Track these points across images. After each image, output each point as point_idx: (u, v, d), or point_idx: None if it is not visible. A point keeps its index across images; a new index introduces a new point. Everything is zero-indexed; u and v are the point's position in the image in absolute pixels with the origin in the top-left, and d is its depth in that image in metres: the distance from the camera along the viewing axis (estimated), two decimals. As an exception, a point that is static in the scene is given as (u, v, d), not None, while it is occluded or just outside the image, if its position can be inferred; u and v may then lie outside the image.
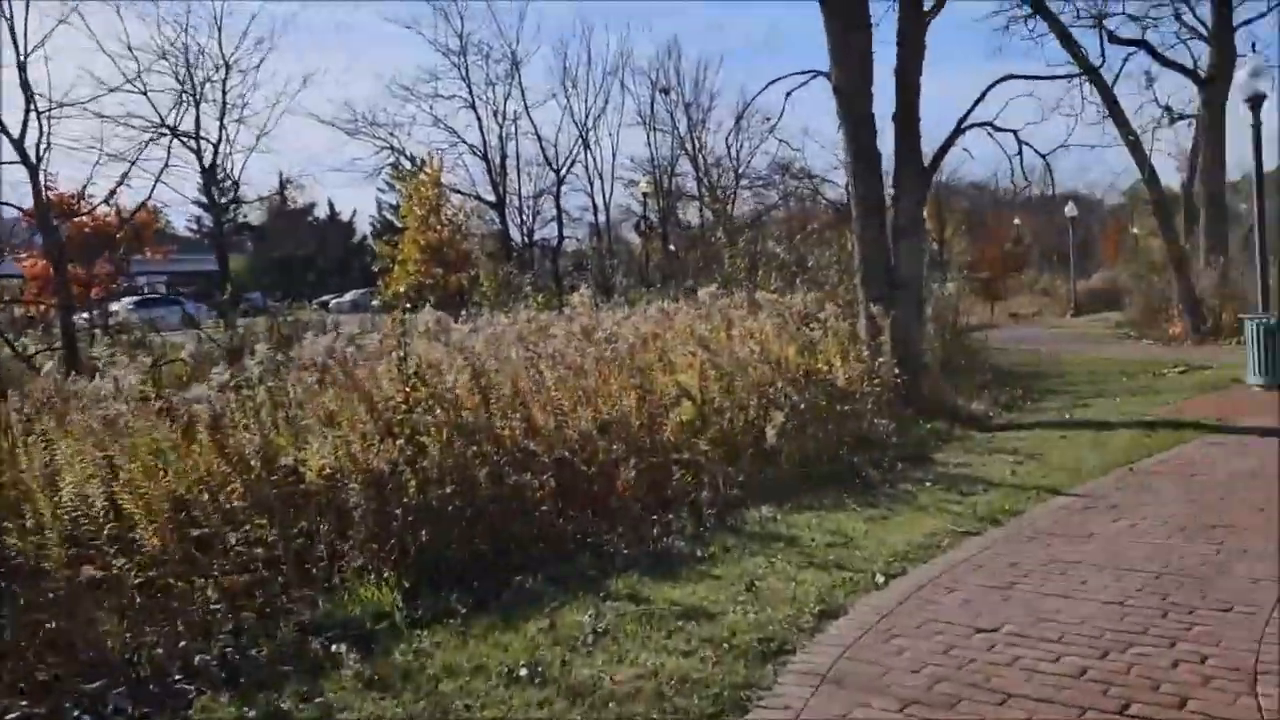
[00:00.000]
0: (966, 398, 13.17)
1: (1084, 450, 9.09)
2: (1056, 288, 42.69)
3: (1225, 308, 21.50)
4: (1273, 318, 12.62)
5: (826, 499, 7.68)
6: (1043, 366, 18.14)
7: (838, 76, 11.85)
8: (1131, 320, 26.48)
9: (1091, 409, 12.15)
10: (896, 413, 10.86)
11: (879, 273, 11.88)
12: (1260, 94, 13.47)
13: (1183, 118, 27.05)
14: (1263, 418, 10.58)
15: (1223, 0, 23.34)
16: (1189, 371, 15.49)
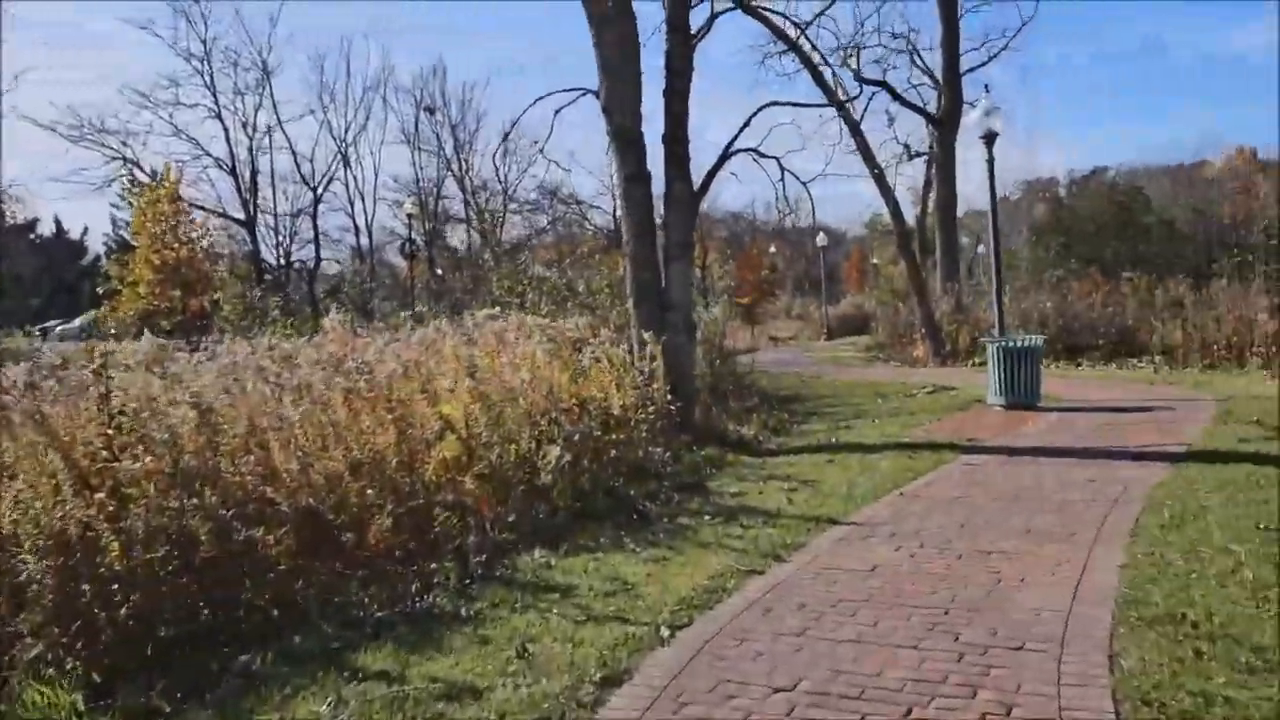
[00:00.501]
0: (737, 422, 13.08)
1: (854, 475, 9.02)
2: (810, 312, 44.83)
3: (960, 331, 22.98)
4: (1011, 341, 13.31)
5: (604, 538, 7.10)
6: (804, 389, 18.57)
7: (607, 96, 11.46)
8: (879, 343, 27.93)
9: (854, 431, 12.32)
10: (671, 440, 10.52)
11: (651, 296, 11.55)
12: (993, 132, 14.31)
13: (919, 155, 28.94)
14: (1007, 437, 11.02)
15: (951, 48, 25.11)
16: (936, 392, 16.20)
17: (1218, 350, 17.69)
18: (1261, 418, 11.09)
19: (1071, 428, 11.38)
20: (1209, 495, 7.25)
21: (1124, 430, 10.90)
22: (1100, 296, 22.31)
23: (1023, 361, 13.15)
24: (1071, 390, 15.05)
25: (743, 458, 10.67)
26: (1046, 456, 9.52)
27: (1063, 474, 8.54)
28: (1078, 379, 17.04)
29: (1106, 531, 6.42)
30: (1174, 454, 9.21)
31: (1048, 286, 24.25)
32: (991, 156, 14.33)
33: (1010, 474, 8.72)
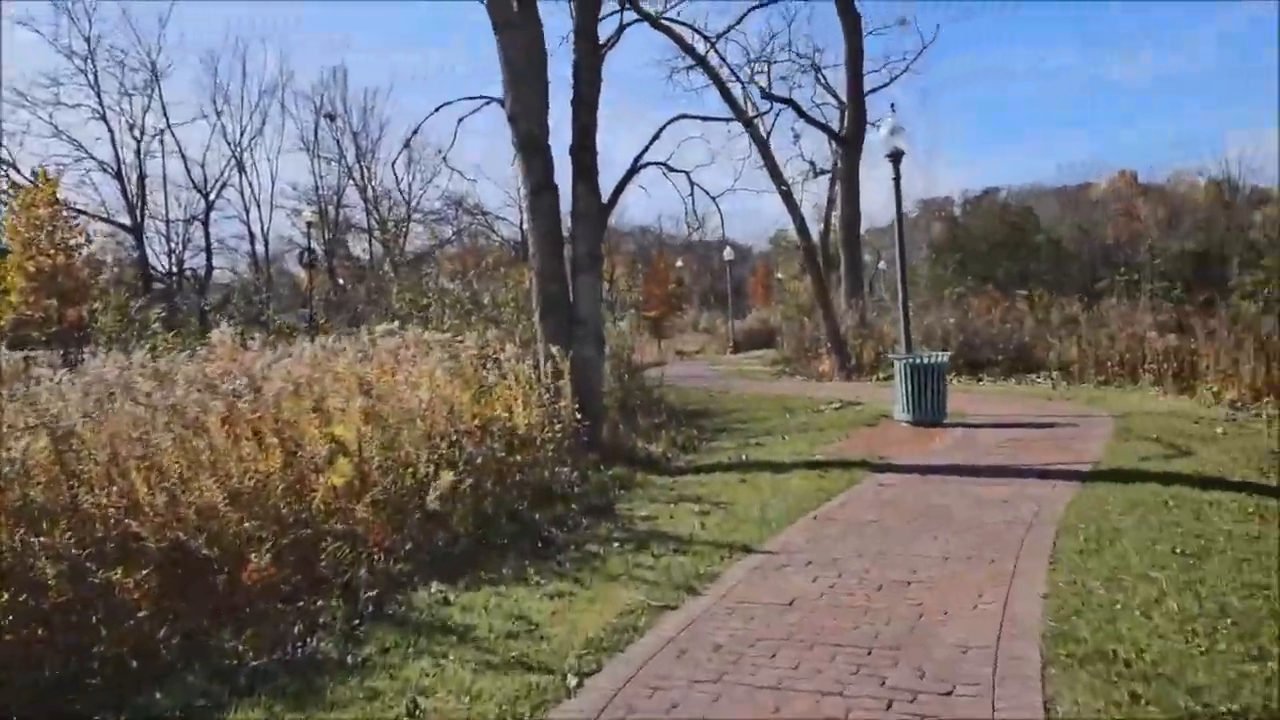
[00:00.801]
0: (646, 440, 12.74)
1: (767, 496, 8.74)
2: (717, 326, 44.89)
3: (865, 347, 23.13)
4: (918, 358, 13.30)
5: (507, 568, 6.64)
6: (713, 404, 18.35)
7: (513, 104, 11.03)
8: (786, 358, 27.99)
9: (765, 448, 12.09)
10: (579, 459, 10.12)
11: (558, 310, 11.14)
12: (899, 150, 14.34)
13: (824, 172, 29.20)
14: (917, 454, 10.91)
15: (855, 68, 25.37)
16: (843, 408, 16.14)
17: (1111, 367, 18.10)
18: (1160, 435, 11.25)
19: (978, 444, 11.35)
20: (1121, 517, 7.16)
21: (1030, 447, 10.89)
22: (999, 313, 22.73)
23: (929, 378, 13.14)
24: (975, 406, 15.15)
25: (652, 477, 10.32)
26: (958, 475, 9.41)
27: (975, 494, 8.41)
28: (979, 394, 17.20)
29: (1025, 557, 6.24)
30: (1081, 472, 9.19)
31: (949, 303, 24.62)
32: (898, 174, 14.37)
33: (923, 494, 8.55)
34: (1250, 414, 13.19)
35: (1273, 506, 7.46)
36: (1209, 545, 6.25)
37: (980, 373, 20.18)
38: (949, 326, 21.59)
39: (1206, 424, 12.19)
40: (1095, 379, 18.04)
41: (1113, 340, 18.52)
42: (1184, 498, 7.74)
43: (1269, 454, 10.06)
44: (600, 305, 11.72)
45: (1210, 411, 13.61)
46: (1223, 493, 7.97)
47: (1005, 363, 20.29)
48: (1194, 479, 8.60)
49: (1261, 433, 11.55)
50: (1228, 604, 5.05)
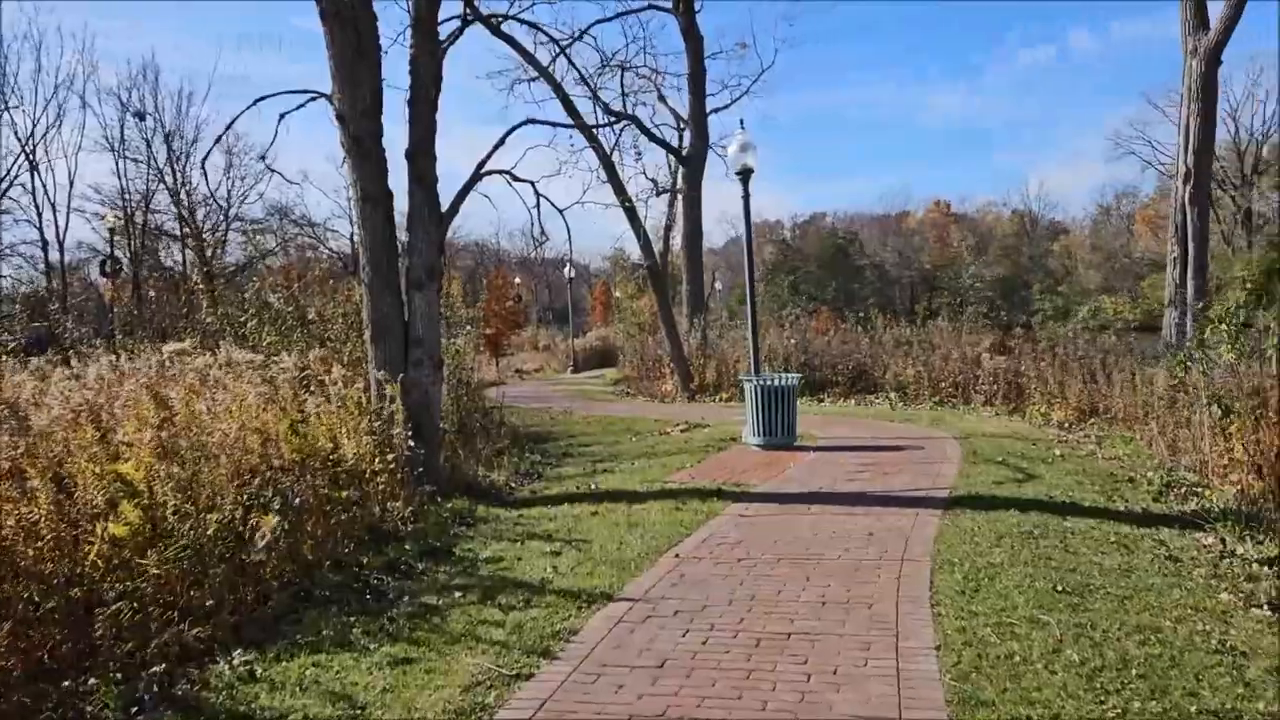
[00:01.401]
0: (487, 468, 11.87)
1: (623, 531, 8.04)
2: (556, 345, 44.13)
3: (708, 366, 22.90)
4: (769, 379, 12.96)
5: (329, 628, 5.67)
6: (556, 426, 17.61)
7: (341, 100, 9.98)
8: (627, 377, 27.55)
9: (614, 475, 11.42)
10: (413, 493, 9.16)
11: (392, 328, 10.13)
12: (749, 167, 14.03)
13: (665, 191, 29.00)
14: (773, 480, 10.48)
15: (698, 87, 25.28)
16: (690, 430, 15.71)
17: (945, 388, 18.46)
18: (1005, 458, 11.26)
19: (833, 468, 11.04)
20: (992, 550, 6.85)
21: (885, 471, 10.65)
22: (839, 334, 22.98)
23: (780, 400, 12.82)
24: (821, 428, 14.99)
25: (496, 510, 9.46)
26: (819, 504, 8.98)
27: (840, 525, 7.98)
28: (823, 415, 17.13)
29: (905, 600, 5.77)
30: (939, 499, 8.94)
31: (787, 323, 24.77)
32: (747, 192, 14.06)
33: (787, 526, 8.06)
34: (1079, 434, 13.52)
35: (1127, 534, 7.36)
36: (1086, 581, 5.97)
37: (821, 393, 20.24)
38: (790, 347, 21.62)
39: (1043, 446, 12.35)
40: (931, 399, 18.33)
41: (946, 361, 18.90)
42: (1046, 526, 7.54)
43: (1107, 476, 10.17)
44: (439, 324, 10.76)
45: (1042, 432, 13.88)
46: (1079, 519, 7.84)
47: (844, 383, 20.44)
48: (1049, 505, 8.48)
49: (1094, 454, 11.75)
50: (1127, 653, 4.68)
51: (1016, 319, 46.44)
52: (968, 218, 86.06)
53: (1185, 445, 10.82)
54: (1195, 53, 15.33)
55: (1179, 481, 9.51)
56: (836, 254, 71.71)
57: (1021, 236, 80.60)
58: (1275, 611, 5.29)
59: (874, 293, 70.44)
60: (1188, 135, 15.48)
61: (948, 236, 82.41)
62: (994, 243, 78.23)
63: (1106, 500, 8.82)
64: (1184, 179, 15.57)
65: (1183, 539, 7.18)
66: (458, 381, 14.78)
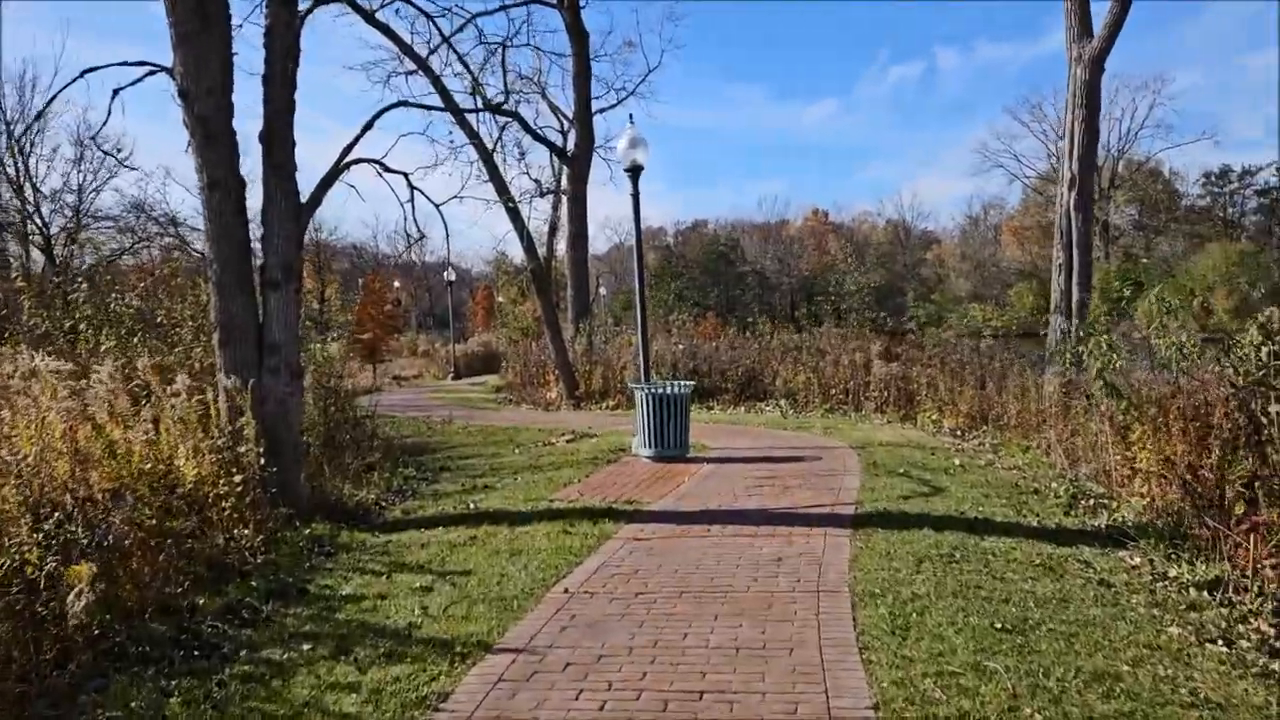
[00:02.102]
0: (355, 485, 10.78)
1: (504, 560, 7.14)
2: (437, 351, 42.59)
3: (594, 373, 22.08)
4: (660, 387, 12.22)
5: (140, 700, 4.59)
6: (434, 437, 16.50)
7: (184, 75, 8.75)
8: (510, 384, 26.49)
9: (495, 492, 10.47)
10: (266, 518, 8.04)
11: (244, 332, 8.95)
12: (639, 165, 13.28)
13: (549, 192, 28.08)
14: (668, 497, 9.70)
15: (583, 85, 24.46)
16: (577, 440, 14.86)
17: (836, 394, 18.11)
18: (906, 469, 10.79)
19: (730, 482, 10.35)
20: (914, 577, 6.22)
21: (785, 485, 10.01)
22: (727, 340, 22.48)
23: (672, 410, 12.09)
24: (714, 437, 14.35)
25: (362, 535, 8.42)
26: (719, 523, 8.24)
27: (745, 549, 7.25)
28: (714, 424, 16.51)
29: (830, 644, 5.04)
30: (846, 516, 8.32)
31: (674, 329, 24.16)
32: (636, 190, 13.29)
33: (687, 552, 7.28)
34: (973, 442, 13.24)
35: (1050, 554, 6.86)
36: (1024, 615, 5.37)
37: (710, 400, 19.67)
38: (678, 353, 20.98)
39: (941, 455, 11.96)
40: (822, 406, 17.94)
41: (837, 368, 18.57)
42: (965, 547, 6.99)
43: (1011, 488, 9.78)
44: (298, 328, 9.60)
45: (937, 440, 13.56)
46: (996, 539, 7.32)
47: (734, 390, 19.92)
48: (961, 521, 7.96)
49: (993, 464, 11.42)
50: (1093, 711, 4.05)
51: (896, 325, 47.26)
52: (845, 226, 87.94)
53: (1084, 453, 10.57)
54: (1080, 60, 15.36)
55: (1084, 493, 9.16)
56: (719, 260, 72.13)
57: (896, 245, 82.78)
58: (1229, 646, 4.78)
59: (755, 299, 71.11)
60: (1073, 142, 15.50)
61: (825, 244, 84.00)
62: (870, 251, 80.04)
63: (1017, 515, 8.36)
64: (1069, 185, 15.57)
65: (1107, 559, 6.71)
66: (326, 389, 13.54)
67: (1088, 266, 15.59)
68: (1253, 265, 53.35)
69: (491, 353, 37.22)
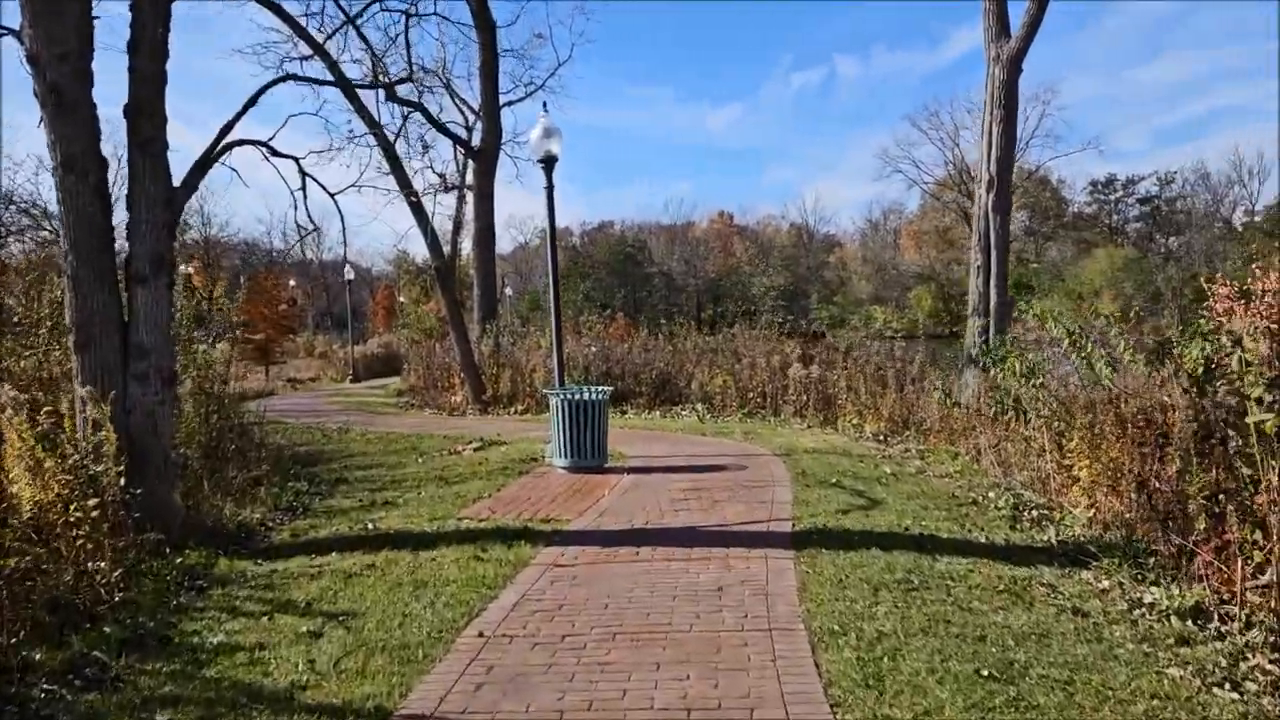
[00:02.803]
0: (239, 502, 9.69)
1: (407, 596, 6.22)
2: (334, 352, 40.80)
3: (501, 376, 21.11)
4: (576, 392, 11.39)
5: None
6: (330, 445, 15.31)
7: (34, 37, 7.57)
8: (413, 388, 25.29)
9: (397, 509, 9.49)
10: (129, 547, 6.95)
11: (106, 334, 7.80)
12: (552, 155, 12.43)
13: (454, 188, 26.91)
14: (588, 514, 8.88)
15: (490, 77, 23.42)
16: (485, 448, 13.92)
17: (754, 398, 17.56)
18: (838, 479, 10.21)
19: (654, 495, 9.59)
20: (874, 609, 5.55)
21: (714, 498, 9.29)
22: (640, 341, 21.75)
23: (589, 416, 11.28)
24: (631, 444, 13.59)
25: (244, 564, 7.39)
26: (648, 544, 7.46)
27: (680, 576, 6.49)
28: (631, 430, 15.76)
29: (795, 699, 4.29)
30: (785, 534, 7.65)
31: (585, 330, 23.33)
32: (550, 183, 12.44)
33: (617, 580, 6.48)
34: (898, 448, 12.79)
35: (1011, 577, 6.28)
36: (1007, 657, 4.73)
37: (624, 405, 18.91)
38: (590, 356, 20.16)
39: (870, 464, 11.44)
40: (740, 410, 17.36)
41: (754, 371, 18.02)
42: (921, 572, 6.36)
43: (949, 499, 9.28)
44: (170, 328, 8.46)
45: (861, 447, 13.07)
46: (950, 559, 6.73)
47: (648, 394, 19.20)
48: (908, 539, 7.37)
49: (924, 472, 10.94)
50: (1123, 786, 3.42)
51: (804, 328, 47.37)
52: (750, 229, 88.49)
53: (1016, 461, 10.16)
54: (998, 59, 15.12)
55: (1025, 503, 8.70)
56: (626, 261, 71.61)
57: (799, 248, 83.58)
58: (1238, 692, 4.23)
59: (662, 300, 70.80)
60: (991, 143, 15.26)
61: (731, 246, 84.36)
62: (774, 253, 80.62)
63: (963, 530, 7.81)
64: (987, 187, 15.32)
65: (1072, 582, 6.17)
66: (208, 395, 12.28)
67: (1005, 268, 15.36)
68: (1135, 270, 55.34)
69: (393, 354, 35.75)
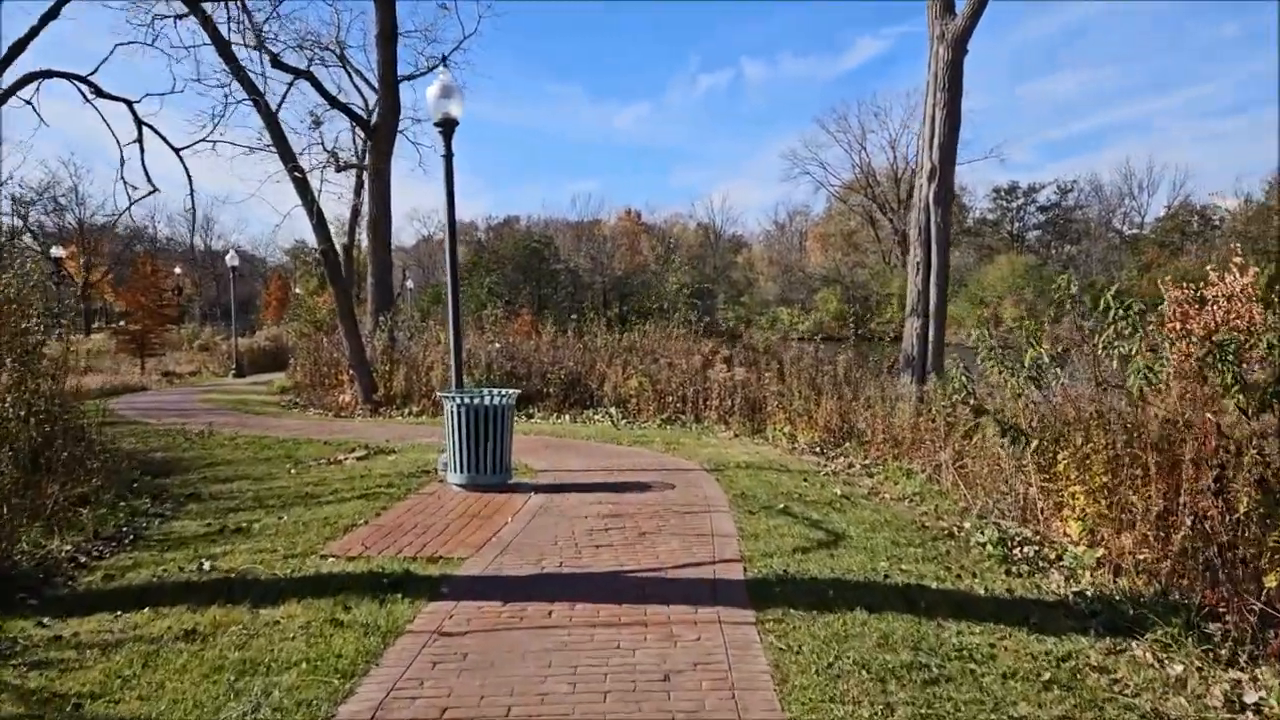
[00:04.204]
0: (48, 530, 7.61)
1: (223, 693, 4.32)
2: (217, 344, 37.72)
3: (395, 373, 19.03)
4: (476, 396, 9.54)
5: None
6: (191, 451, 13.09)
7: None
8: (299, 385, 22.92)
9: (250, 540, 7.51)
10: None
11: None
12: (451, 118, 10.54)
13: (349, 166, 24.57)
14: (485, 550, 7.07)
15: (388, 49, 21.22)
16: (370, 457, 11.96)
17: (673, 402, 15.92)
18: (784, 503, 8.63)
19: (568, 523, 7.84)
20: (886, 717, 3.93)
21: (640, 529, 7.58)
22: (548, 338, 19.92)
23: (491, 425, 9.45)
24: (538, 454, 11.81)
25: (24, 623, 5.41)
26: (563, 598, 5.70)
27: (610, 656, 4.74)
28: (538, 436, 13.94)
29: None
30: (737, 582, 6.00)
31: (489, 325, 21.36)
32: (449, 150, 10.53)
33: (525, 665, 4.68)
34: (840, 463, 11.28)
35: (1044, 653, 4.76)
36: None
37: (530, 407, 17.06)
38: (494, 353, 18.24)
39: (816, 483, 9.89)
40: (658, 416, 15.70)
41: (672, 372, 16.38)
42: (930, 647, 4.76)
43: (918, 530, 7.78)
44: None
45: (799, 461, 11.52)
46: (958, 626, 5.15)
47: (557, 395, 17.37)
48: (892, 592, 5.79)
49: (878, 492, 9.43)
50: None
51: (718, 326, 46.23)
52: (657, 228, 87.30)
53: (983, 481, 8.76)
54: (942, 38, 13.82)
55: (1010, 538, 7.25)
56: (532, 257, 69.45)
57: (706, 248, 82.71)
58: None
59: (568, 296, 68.95)
60: (933, 128, 13.95)
61: (638, 244, 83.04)
62: (681, 252, 79.56)
63: (952, 576, 6.28)
64: (929, 176, 14.01)
65: (1127, 663, 4.64)
66: (35, 393, 10.01)
67: (946, 264, 14.09)
68: (1036, 277, 55.87)
69: (281, 348, 33.03)
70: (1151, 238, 63.78)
